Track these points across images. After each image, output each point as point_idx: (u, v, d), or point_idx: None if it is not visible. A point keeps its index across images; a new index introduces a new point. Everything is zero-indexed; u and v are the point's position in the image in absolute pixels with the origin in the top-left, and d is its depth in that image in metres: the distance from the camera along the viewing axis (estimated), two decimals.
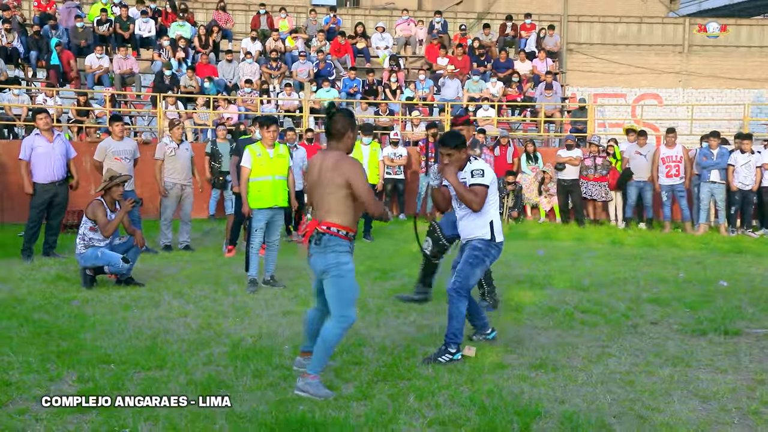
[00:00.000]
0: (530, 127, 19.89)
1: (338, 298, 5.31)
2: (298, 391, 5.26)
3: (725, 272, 10.34)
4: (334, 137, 5.43)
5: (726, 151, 14.94)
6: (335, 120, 5.42)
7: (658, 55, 24.50)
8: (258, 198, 8.92)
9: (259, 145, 9.11)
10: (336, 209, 5.30)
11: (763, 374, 5.85)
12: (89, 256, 8.88)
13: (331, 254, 5.29)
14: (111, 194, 9.11)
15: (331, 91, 19.41)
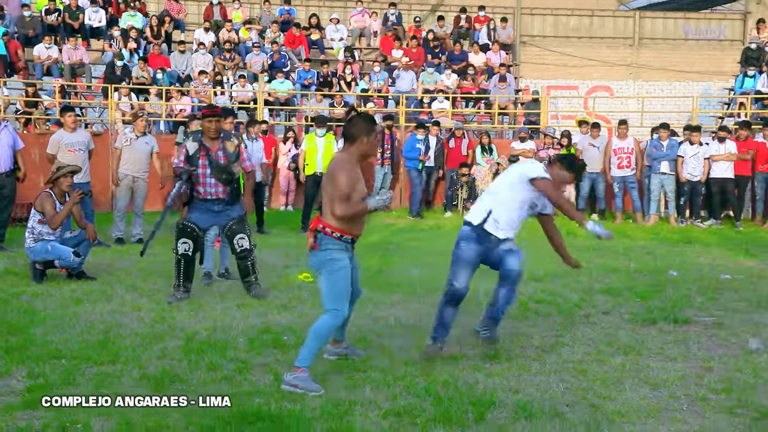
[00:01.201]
0: (484, 119, 20.01)
1: (330, 293, 5.37)
2: (285, 385, 5.20)
3: (675, 262, 10.52)
4: (348, 140, 5.43)
5: (675, 142, 15.20)
6: (352, 123, 5.44)
7: (609, 47, 24.79)
8: None
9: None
10: (329, 210, 5.34)
11: (711, 362, 5.97)
12: (39, 250, 8.72)
13: (324, 251, 5.36)
14: (59, 185, 8.90)
15: (285, 83, 19.31)
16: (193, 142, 7.97)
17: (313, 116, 15.97)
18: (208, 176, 7.89)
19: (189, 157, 7.90)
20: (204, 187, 7.92)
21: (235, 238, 8.02)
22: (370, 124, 5.44)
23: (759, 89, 18.58)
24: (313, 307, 7.64)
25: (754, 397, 5.15)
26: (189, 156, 7.90)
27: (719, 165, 14.83)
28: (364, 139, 5.38)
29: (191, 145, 7.95)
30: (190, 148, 7.94)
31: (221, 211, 8.03)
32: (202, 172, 7.89)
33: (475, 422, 4.66)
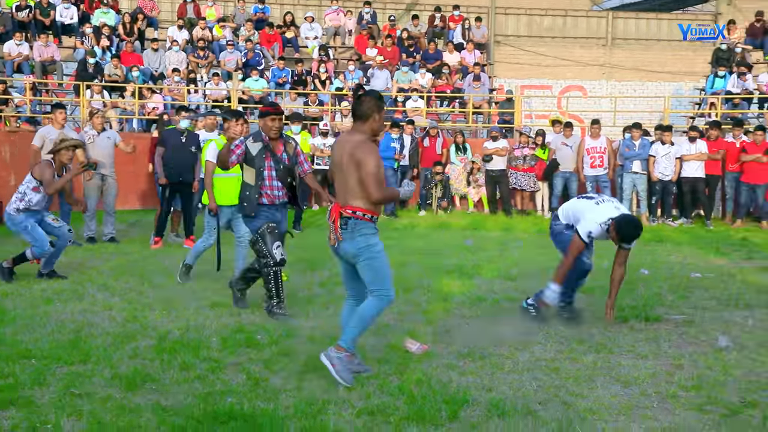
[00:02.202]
0: (459, 118, 20.07)
1: (376, 278, 5.30)
2: (325, 358, 5.22)
3: (646, 261, 10.61)
4: (360, 118, 5.32)
5: (647, 142, 15.33)
6: (362, 101, 5.30)
7: (582, 47, 24.95)
8: (221, 195, 8.53)
9: (223, 138, 8.57)
10: (359, 193, 5.21)
11: (682, 359, 6.03)
12: (18, 222, 8.60)
13: (360, 238, 5.24)
14: (60, 158, 8.79)
15: (259, 81, 19.25)
16: (255, 142, 7.15)
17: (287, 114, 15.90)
18: (274, 179, 7.16)
19: (251, 158, 7.11)
20: (271, 190, 7.16)
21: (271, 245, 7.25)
22: (379, 100, 5.36)
23: (729, 89, 18.80)
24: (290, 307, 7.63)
25: (723, 394, 5.21)
26: (252, 157, 7.11)
27: (690, 164, 14.98)
28: (375, 116, 5.30)
29: (254, 145, 7.14)
30: (252, 148, 7.13)
31: (281, 219, 7.32)
32: (267, 174, 7.15)
33: (448, 420, 4.67)
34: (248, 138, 7.23)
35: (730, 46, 20.64)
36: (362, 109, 5.29)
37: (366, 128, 5.32)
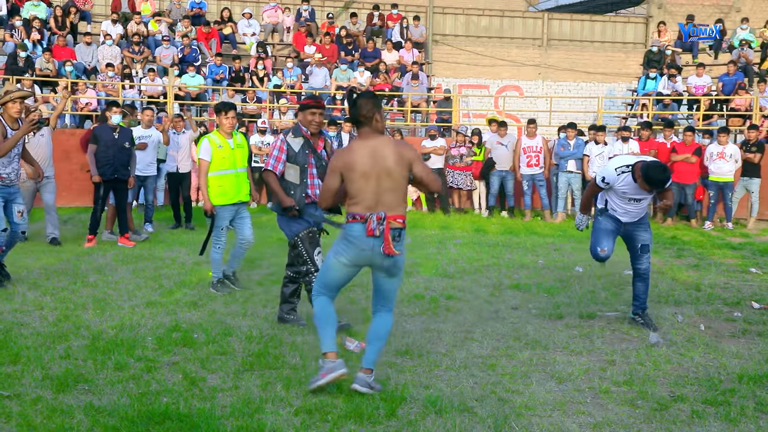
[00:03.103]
0: (397, 117, 20.12)
1: (395, 293, 5.30)
2: (363, 387, 5.05)
3: (581, 258, 10.79)
4: (364, 123, 5.12)
5: (582, 142, 15.59)
6: (360, 105, 5.10)
7: (519, 48, 25.27)
8: (220, 194, 8.06)
9: (216, 134, 8.16)
10: (402, 202, 5.10)
11: (614, 355, 6.16)
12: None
13: (405, 252, 5.18)
14: (8, 111, 8.07)
15: (196, 77, 19.02)
16: (296, 138, 6.71)
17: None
18: (315, 177, 6.72)
19: (293, 154, 6.68)
20: (312, 189, 6.72)
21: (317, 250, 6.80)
22: (375, 98, 5.18)
23: (660, 91, 19.25)
24: (224, 304, 7.58)
25: (654, 388, 5.34)
26: (294, 154, 6.68)
27: None
28: (377, 116, 5.12)
29: (295, 141, 6.70)
30: (294, 144, 6.69)
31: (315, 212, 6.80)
32: (310, 172, 6.72)
33: (385, 418, 4.69)
34: (288, 133, 6.80)
35: (660, 49, 21.13)
36: (363, 113, 5.09)
37: (374, 128, 5.13)
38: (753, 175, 15.06)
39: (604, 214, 7.08)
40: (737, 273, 9.96)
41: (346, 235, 5.10)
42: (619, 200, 6.91)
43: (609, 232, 7.00)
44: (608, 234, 6.99)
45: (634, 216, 6.98)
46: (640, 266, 7.09)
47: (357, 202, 5.06)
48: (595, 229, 7.10)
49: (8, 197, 8.18)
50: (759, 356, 6.16)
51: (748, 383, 5.45)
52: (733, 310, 7.80)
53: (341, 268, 5.19)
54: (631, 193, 6.78)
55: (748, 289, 8.91)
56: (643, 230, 7.03)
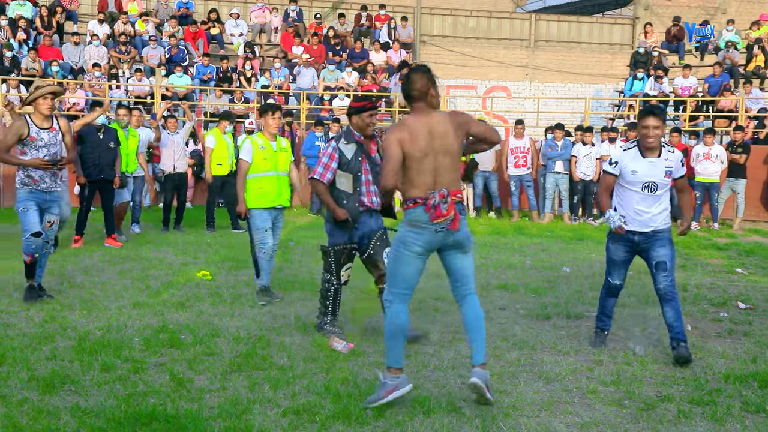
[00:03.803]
0: (385, 118, 20.13)
1: (472, 270, 5.06)
2: (484, 384, 4.77)
3: (568, 259, 10.83)
4: (418, 99, 4.86)
5: (569, 142, 15.65)
6: (412, 80, 4.85)
7: (506, 48, 25.31)
8: (260, 196, 7.73)
9: (260, 135, 7.93)
10: (457, 176, 4.92)
11: (601, 355, 6.18)
12: (19, 199, 7.42)
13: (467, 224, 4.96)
14: (38, 108, 7.42)
15: (183, 78, 18.99)
16: (348, 143, 6.35)
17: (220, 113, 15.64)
18: (371, 183, 6.41)
19: (346, 162, 6.34)
20: (368, 196, 6.43)
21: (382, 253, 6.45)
22: (429, 72, 4.91)
23: (647, 92, 19.33)
24: (212, 305, 7.56)
25: (640, 388, 5.36)
26: (347, 161, 6.33)
27: None
28: (432, 91, 4.87)
29: (347, 147, 6.34)
30: (346, 151, 6.33)
31: (376, 226, 6.55)
32: (365, 178, 6.38)
33: (373, 418, 4.69)
34: (339, 139, 6.41)
35: (647, 50, 21.23)
36: (416, 87, 4.84)
37: (430, 105, 4.89)
38: (739, 176, 15.16)
39: (613, 236, 6.31)
40: (723, 273, 10.02)
41: (411, 222, 4.85)
42: (629, 196, 6.08)
43: (619, 263, 6.34)
44: (618, 266, 6.36)
45: (647, 222, 6.06)
46: (659, 286, 6.12)
47: (415, 185, 4.83)
48: (607, 257, 6.46)
49: (42, 204, 7.49)
50: (745, 356, 6.19)
51: (734, 383, 5.48)
52: (720, 311, 7.84)
53: (415, 260, 4.91)
54: (642, 173, 5.99)
55: (734, 289, 8.96)
56: (660, 245, 6.06)
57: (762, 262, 11.03)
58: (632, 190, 6.06)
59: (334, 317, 6.64)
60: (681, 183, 6.25)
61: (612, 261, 6.39)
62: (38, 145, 7.40)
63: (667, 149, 6.04)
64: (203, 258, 10.31)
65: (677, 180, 6.15)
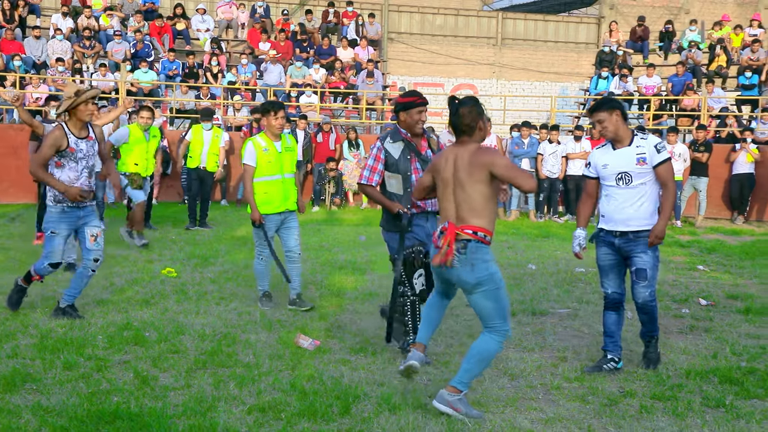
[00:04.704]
0: (352, 114, 20.12)
1: (497, 311, 4.75)
2: (443, 405, 4.68)
3: (533, 256, 10.91)
4: (465, 133, 4.84)
5: (535, 140, 15.76)
6: (462, 114, 4.81)
7: (473, 46, 25.40)
8: (265, 202, 7.34)
9: (262, 136, 7.46)
10: (481, 210, 4.76)
11: (566, 351, 6.24)
12: (47, 219, 6.74)
13: (481, 265, 4.72)
14: (78, 115, 6.63)
15: (149, 73, 18.80)
16: (394, 142, 5.99)
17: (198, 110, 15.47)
18: None
19: (393, 162, 5.97)
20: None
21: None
22: (477, 105, 4.86)
23: (611, 90, 19.51)
24: (177, 302, 7.51)
25: (603, 384, 5.42)
26: (394, 161, 5.97)
27: (575, 163, 15.46)
28: (480, 124, 4.85)
29: (394, 146, 5.98)
30: (392, 150, 5.97)
31: (425, 225, 6.02)
32: (415, 178, 5.94)
33: (339, 415, 4.69)
34: (385, 138, 6.06)
35: (612, 49, 21.42)
36: (466, 122, 4.82)
37: (475, 140, 4.87)
38: (701, 174, 15.38)
39: (597, 239, 5.88)
40: (685, 270, 10.16)
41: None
42: (607, 192, 5.77)
43: (607, 269, 5.85)
44: (606, 271, 5.86)
45: (626, 220, 5.65)
46: (636, 298, 5.79)
47: (440, 213, 4.99)
48: (597, 264, 5.96)
49: (76, 224, 6.76)
50: (706, 352, 6.29)
51: (695, 378, 5.56)
52: (681, 307, 7.95)
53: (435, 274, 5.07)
54: (613, 165, 5.68)
55: (695, 286, 9.09)
56: (641, 251, 5.64)
57: (723, 259, 11.21)
58: (608, 186, 5.74)
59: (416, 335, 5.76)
60: (661, 174, 5.63)
61: (600, 268, 5.91)
62: (77, 156, 6.62)
63: (639, 137, 5.70)
64: (168, 255, 10.23)
65: (657, 169, 5.60)
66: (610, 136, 5.71)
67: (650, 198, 5.66)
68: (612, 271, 5.83)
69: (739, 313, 7.69)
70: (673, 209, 5.58)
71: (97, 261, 6.87)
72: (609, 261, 5.82)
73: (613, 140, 5.75)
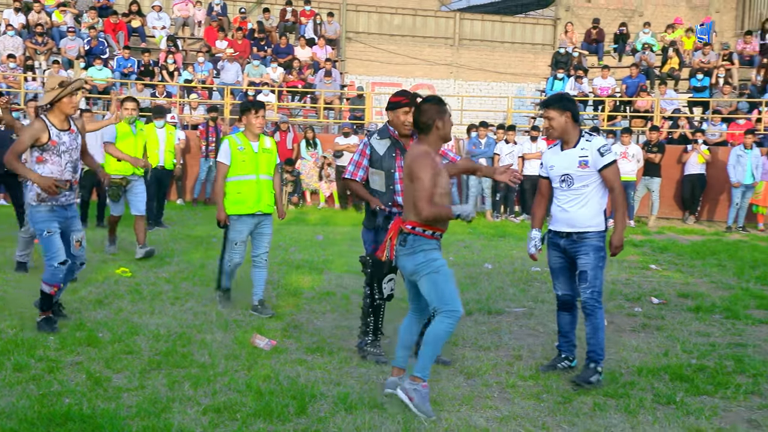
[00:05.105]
0: (310, 114, 20.07)
1: (439, 294, 4.86)
2: (402, 392, 4.80)
3: (490, 255, 10.99)
4: (422, 131, 4.94)
5: (492, 140, 15.87)
6: (422, 111, 4.92)
7: (431, 46, 25.51)
8: (238, 202, 7.12)
9: (240, 135, 7.26)
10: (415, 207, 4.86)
11: (521, 350, 6.29)
12: (39, 220, 6.33)
13: (420, 254, 4.87)
14: (62, 108, 6.32)
15: (103, 70, 18.56)
16: (381, 139, 5.98)
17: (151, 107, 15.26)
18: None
19: (378, 158, 5.94)
20: (402, 196, 5.74)
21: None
22: (439, 104, 4.94)
23: (567, 91, 19.72)
24: (131, 302, 7.42)
25: (558, 382, 5.48)
26: (379, 157, 5.94)
27: (532, 163, 15.59)
28: (438, 123, 4.91)
29: (380, 143, 5.97)
30: (378, 147, 5.96)
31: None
32: (399, 176, 5.88)
33: (295, 415, 4.68)
34: (373, 135, 6.07)
35: (567, 50, 21.66)
36: (423, 120, 4.91)
37: (431, 139, 4.94)
38: (654, 175, 15.62)
39: (548, 241, 5.81)
40: (638, 269, 10.30)
41: None
42: (554, 193, 5.75)
43: (557, 269, 5.80)
44: (556, 273, 5.81)
45: (570, 221, 5.59)
46: (582, 298, 5.63)
47: None
48: (548, 265, 5.92)
49: (63, 223, 6.47)
50: (657, 350, 6.39)
51: (647, 376, 5.65)
52: (634, 306, 8.06)
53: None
54: (558, 166, 5.63)
55: (648, 285, 9.23)
56: (584, 252, 5.54)
57: (675, 258, 11.40)
58: (554, 187, 5.71)
59: (375, 337, 6.04)
60: (607, 177, 5.52)
61: (550, 269, 5.86)
62: (60, 150, 6.33)
63: (585, 139, 5.56)
64: (123, 254, 10.10)
65: (602, 172, 5.49)
66: (555, 135, 5.64)
67: (592, 200, 5.56)
68: (561, 273, 5.79)
69: (690, 312, 7.83)
70: (626, 213, 5.49)
71: (83, 264, 6.79)
72: (558, 263, 5.77)
73: (561, 141, 5.70)
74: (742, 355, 6.26)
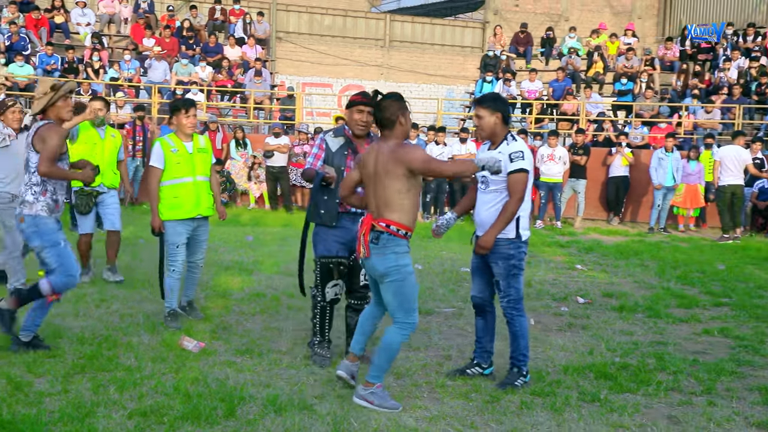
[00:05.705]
0: (240, 114, 19.89)
1: (400, 303, 4.92)
2: (359, 399, 4.93)
3: (420, 256, 11.05)
4: (386, 127, 4.95)
5: (423, 142, 15.98)
6: (383, 107, 4.94)
7: (362, 47, 25.55)
8: (175, 206, 6.76)
9: (172, 136, 6.91)
10: (396, 205, 4.86)
11: (451, 350, 6.35)
12: (47, 231, 5.87)
13: (390, 255, 4.86)
14: (57, 112, 5.88)
15: (25, 67, 18.08)
16: (335, 137, 5.96)
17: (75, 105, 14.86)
18: None
19: (329, 155, 5.93)
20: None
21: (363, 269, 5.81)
22: (400, 101, 5.00)
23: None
24: (54, 305, 7.22)
25: (486, 382, 5.55)
26: (331, 154, 5.93)
27: None
28: (401, 119, 4.95)
29: (334, 141, 5.94)
30: (331, 144, 5.93)
31: (352, 228, 5.83)
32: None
33: (224, 418, 4.63)
34: (328, 132, 6.07)
35: (496, 53, 21.95)
36: (386, 117, 4.94)
37: (396, 134, 4.96)
38: (580, 177, 15.94)
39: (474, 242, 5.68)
40: (564, 270, 10.51)
41: None
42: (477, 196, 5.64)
43: (473, 271, 5.74)
44: (472, 274, 5.75)
45: (483, 223, 5.49)
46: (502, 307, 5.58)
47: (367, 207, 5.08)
48: None
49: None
50: (583, 349, 6.52)
51: (573, 374, 5.76)
52: (561, 305, 8.22)
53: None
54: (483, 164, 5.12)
55: (574, 285, 9.41)
56: (493, 261, 5.46)
57: (600, 258, 11.66)
58: (478, 187, 5.63)
59: (323, 338, 6.00)
60: (509, 183, 5.37)
61: (471, 270, 5.80)
62: (65, 156, 5.99)
63: (506, 142, 5.42)
64: None
65: (508, 177, 5.34)
66: (484, 135, 5.57)
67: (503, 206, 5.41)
68: (476, 274, 5.70)
69: (614, 311, 8.02)
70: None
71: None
72: (474, 264, 5.70)
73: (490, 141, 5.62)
74: (663, 353, 6.44)
